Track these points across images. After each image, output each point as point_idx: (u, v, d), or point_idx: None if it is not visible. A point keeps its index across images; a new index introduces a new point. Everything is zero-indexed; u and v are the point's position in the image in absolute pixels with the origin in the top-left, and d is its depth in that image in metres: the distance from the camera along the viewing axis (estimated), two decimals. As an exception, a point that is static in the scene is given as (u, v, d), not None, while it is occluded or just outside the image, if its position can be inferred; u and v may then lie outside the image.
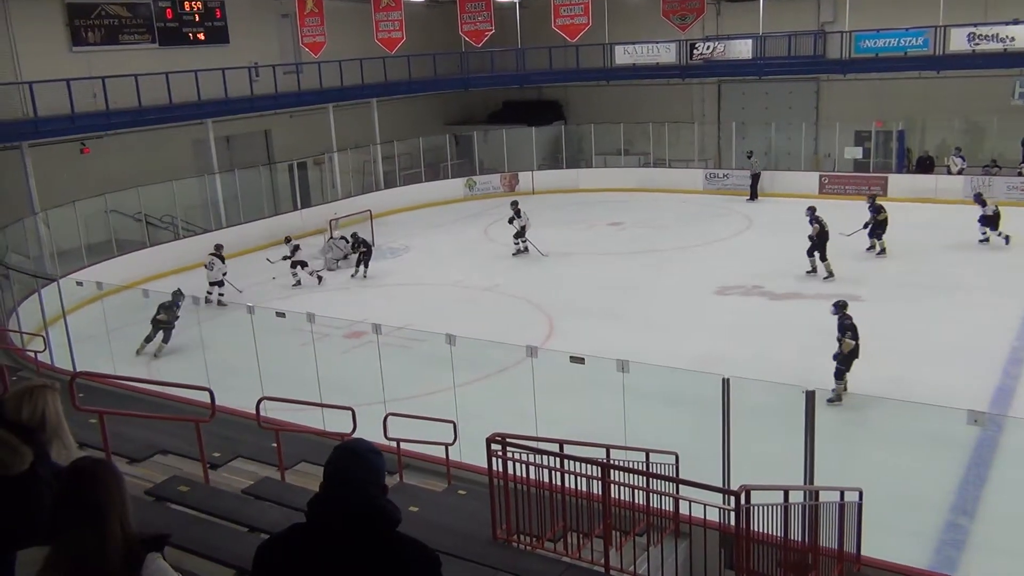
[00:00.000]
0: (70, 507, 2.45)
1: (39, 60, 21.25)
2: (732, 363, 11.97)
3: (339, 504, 2.53)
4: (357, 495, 2.54)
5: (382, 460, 2.70)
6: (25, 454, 3.04)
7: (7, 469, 3.01)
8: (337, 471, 2.59)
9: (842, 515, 6.74)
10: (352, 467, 2.60)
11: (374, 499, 2.57)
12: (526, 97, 35.56)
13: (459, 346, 10.61)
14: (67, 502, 2.46)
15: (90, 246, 20.72)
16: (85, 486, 2.45)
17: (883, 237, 20.33)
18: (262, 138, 28.88)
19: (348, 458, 2.62)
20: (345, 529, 2.52)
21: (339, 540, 2.52)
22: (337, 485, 2.56)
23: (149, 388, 10.85)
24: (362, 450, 2.67)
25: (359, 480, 2.57)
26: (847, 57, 27.34)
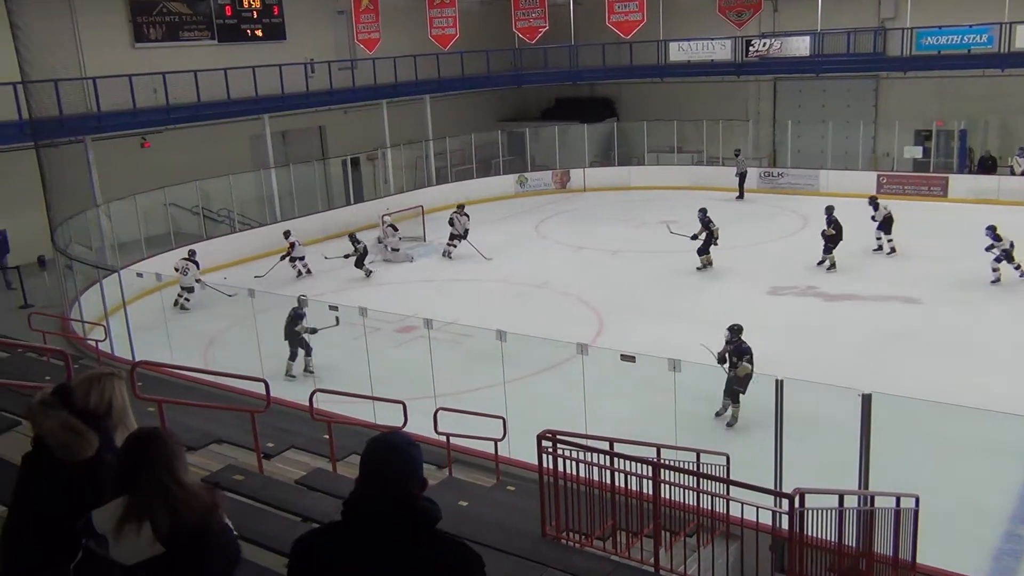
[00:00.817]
0: (140, 465, 2.68)
1: (103, 56, 21.76)
2: (785, 364, 11.78)
3: (377, 503, 2.43)
4: (396, 493, 2.43)
5: (420, 452, 2.56)
6: (91, 440, 3.10)
7: (73, 454, 3.07)
8: (375, 466, 2.48)
9: (898, 521, 6.62)
10: (391, 462, 2.48)
11: (413, 497, 2.45)
12: (579, 94, 35.45)
13: (509, 342, 10.64)
14: (135, 462, 2.69)
15: (149, 238, 21.17)
16: (149, 448, 2.70)
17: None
18: (317, 134, 29.24)
19: (386, 452, 2.50)
20: (382, 529, 2.41)
21: (377, 540, 2.41)
22: (375, 482, 2.45)
23: (206, 378, 11.06)
24: (400, 443, 2.53)
25: (398, 476, 2.45)
26: (908, 54, 26.75)
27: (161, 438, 2.75)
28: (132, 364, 8.64)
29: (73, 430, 3.09)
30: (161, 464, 2.67)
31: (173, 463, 2.69)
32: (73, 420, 3.12)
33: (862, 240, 21.66)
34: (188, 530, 2.61)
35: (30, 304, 17.62)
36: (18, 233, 19.90)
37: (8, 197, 20.03)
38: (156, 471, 2.65)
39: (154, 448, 2.70)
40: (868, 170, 28.03)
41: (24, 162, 18.60)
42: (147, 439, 2.74)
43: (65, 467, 3.08)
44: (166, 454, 2.69)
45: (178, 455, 2.73)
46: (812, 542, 5.86)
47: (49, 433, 3.12)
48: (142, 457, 2.70)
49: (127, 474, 2.70)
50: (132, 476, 2.68)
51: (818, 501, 5.97)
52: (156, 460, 2.68)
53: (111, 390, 3.27)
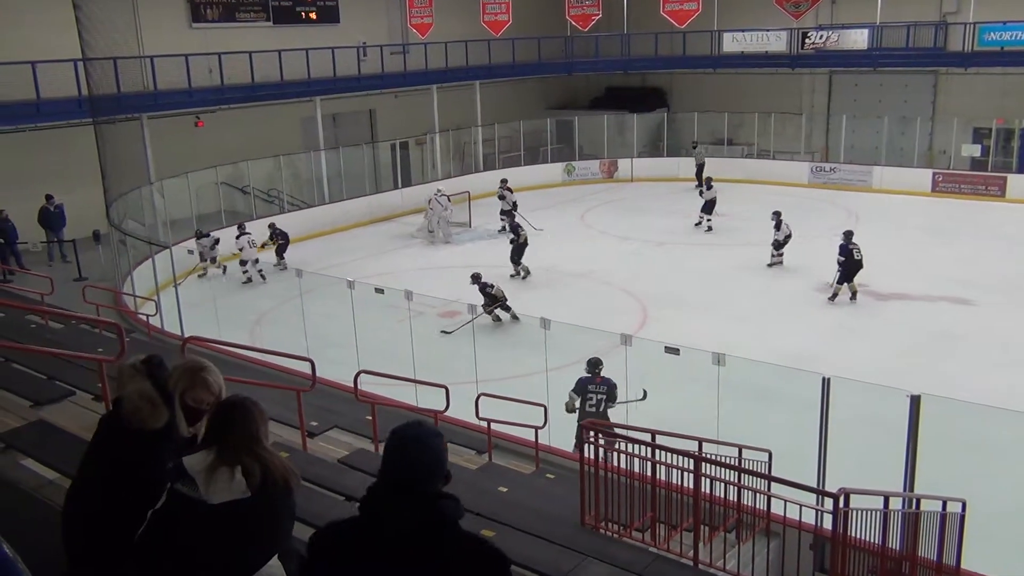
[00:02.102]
0: (227, 427, 2.91)
1: (160, 36, 22.06)
2: (832, 362, 11.65)
3: (397, 499, 2.33)
4: (417, 489, 2.34)
5: (444, 444, 2.46)
6: (162, 412, 3.20)
7: (142, 422, 3.17)
8: (396, 459, 2.37)
9: (943, 525, 6.51)
10: (413, 457, 2.37)
11: (434, 495, 2.35)
12: (629, 83, 35.19)
13: (553, 330, 10.63)
14: (223, 423, 2.93)
15: (200, 216, 21.51)
16: (237, 413, 2.94)
17: None
18: (367, 117, 29.41)
19: (410, 445, 2.38)
20: (399, 525, 2.32)
21: (395, 537, 2.32)
22: (395, 474, 2.35)
23: (253, 356, 11.22)
24: (423, 436, 2.42)
25: (420, 472, 2.35)
26: (969, 50, 26.12)
27: (250, 405, 2.96)
28: (183, 340, 8.81)
29: (149, 400, 3.20)
30: (247, 427, 2.90)
31: (258, 428, 2.93)
32: (151, 390, 3.22)
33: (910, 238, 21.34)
34: (272, 482, 2.85)
35: (84, 277, 18.02)
36: (75, 207, 20.32)
37: (67, 172, 20.48)
38: (243, 431, 2.89)
39: (243, 412, 2.94)
40: (923, 167, 27.45)
41: (83, 138, 18.99)
42: (238, 404, 2.97)
43: (130, 434, 3.18)
44: (253, 419, 2.93)
45: (263, 423, 2.95)
46: (855, 543, 5.79)
47: (127, 397, 3.23)
48: (231, 417, 2.93)
49: (216, 430, 2.93)
50: (221, 432, 2.91)
51: (862, 502, 5.89)
52: (244, 422, 2.91)
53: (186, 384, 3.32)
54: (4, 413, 6.03)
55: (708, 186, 22.98)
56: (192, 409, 3.24)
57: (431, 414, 9.19)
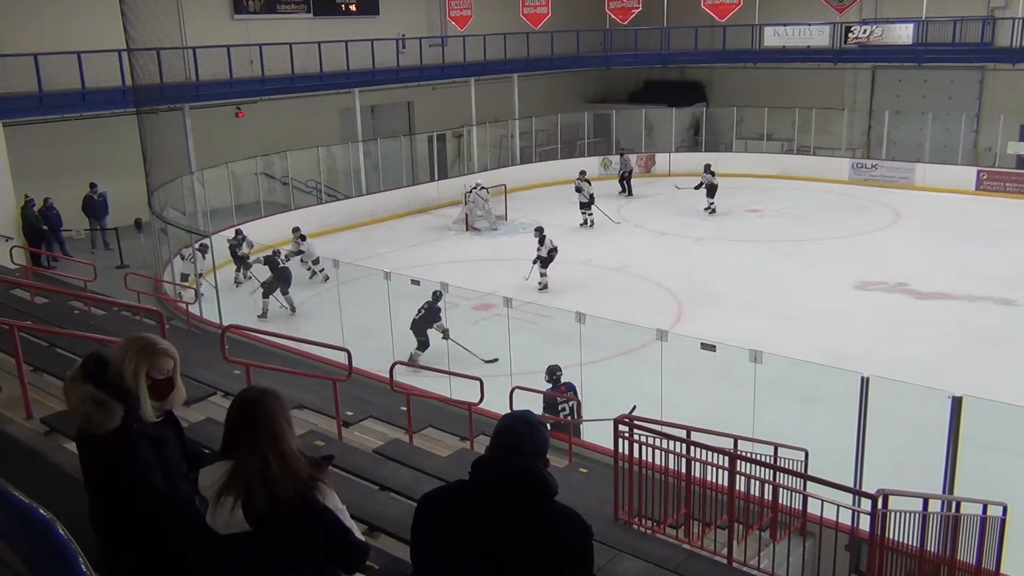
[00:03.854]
0: (248, 429, 2.71)
1: (202, 27, 22.25)
2: (870, 361, 11.51)
3: (507, 469, 2.62)
4: (524, 463, 2.62)
5: (548, 434, 2.79)
6: (114, 410, 3.06)
7: (97, 426, 3.06)
8: (509, 437, 2.67)
9: (983, 529, 6.41)
10: (525, 436, 2.67)
11: (538, 468, 2.65)
12: (668, 77, 34.93)
13: (588, 325, 10.61)
14: (243, 425, 2.73)
15: (239, 206, 21.74)
16: (258, 411, 2.72)
17: None
18: (405, 109, 29.52)
19: (522, 426, 2.70)
20: (508, 493, 2.60)
21: (501, 502, 2.60)
22: (508, 450, 2.64)
23: (291, 345, 11.33)
24: (535, 420, 2.76)
25: (529, 449, 2.65)
26: (1018, 45, 25.56)
27: (266, 401, 2.74)
28: (222, 328, 8.91)
29: (95, 402, 3.06)
30: (264, 429, 2.68)
31: (276, 429, 2.70)
32: (96, 393, 3.08)
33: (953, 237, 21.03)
34: (281, 508, 2.64)
35: (126, 264, 18.31)
36: (118, 195, 20.65)
37: (110, 160, 20.83)
38: (259, 437, 2.67)
39: (259, 411, 2.71)
40: (968, 165, 26.93)
41: (126, 128, 19.26)
42: (253, 401, 2.75)
43: (97, 440, 3.08)
44: (270, 419, 2.70)
45: (281, 420, 2.73)
46: (892, 545, 5.72)
47: (75, 408, 3.11)
48: (246, 420, 2.72)
49: (229, 438, 2.75)
50: (234, 440, 2.73)
51: (900, 503, 5.82)
52: (259, 424, 2.69)
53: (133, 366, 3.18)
54: (48, 397, 6.14)
55: (711, 172, 23.72)
56: (160, 382, 3.17)
57: (464, 406, 9.22)
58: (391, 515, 5.31)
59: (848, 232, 22.04)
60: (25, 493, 1.67)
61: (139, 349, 3.19)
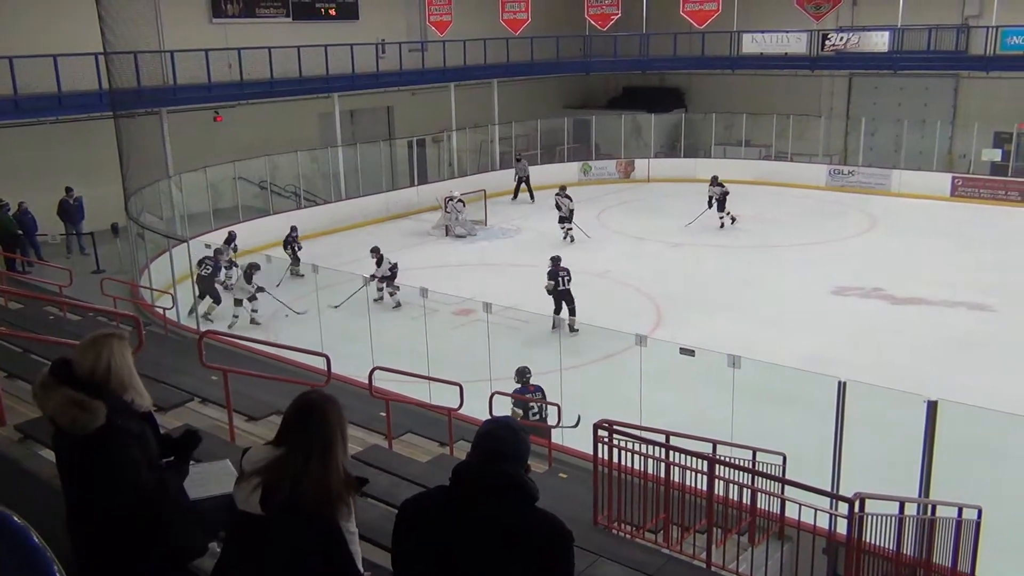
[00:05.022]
0: (302, 426, 2.78)
1: (181, 30, 22.13)
2: (847, 366, 11.56)
3: (488, 475, 2.61)
4: (505, 469, 2.62)
5: (529, 440, 2.78)
6: (98, 409, 3.04)
7: (83, 428, 3.03)
8: (491, 443, 2.67)
9: (959, 532, 6.47)
10: (507, 441, 2.67)
11: (519, 475, 2.64)
12: (647, 83, 35.09)
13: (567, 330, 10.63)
14: (299, 422, 2.79)
15: (217, 211, 21.61)
16: (316, 413, 2.78)
17: None
18: (384, 114, 29.49)
19: (504, 431, 2.70)
20: (489, 499, 2.60)
21: (482, 508, 2.60)
22: (489, 456, 2.64)
23: (269, 350, 11.26)
24: (516, 426, 2.77)
25: (510, 454, 2.65)
26: (991, 53, 25.89)
27: (326, 408, 2.80)
28: (200, 334, 8.85)
29: (77, 404, 3.03)
30: (317, 433, 2.75)
31: (329, 437, 2.76)
32: (75, 395, 3.05)
33: (929, 242, 21.25)
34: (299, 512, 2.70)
35: (102, 269, 18.13)
36: (94, 200, 20.45)
37: (86, 165, 20.65)
38: (311, 439, 2.74)
39: (316, 415, 2.78)
40: (943, 171, 27.23)
41: (102, 131, 19.11)
42: (313, 404, 2.81)
43: (78, 440, 3.05)
44: (325, 425, 2.76)
45: (336, 430, 2.78)
46: (869, 548, 5.76)
47: (55, 413, 3.06)
48: (302, 421, 2.79)
49: (283, 431, 2.82)
50: (286, 435, 2.80)
51: (877, 507, 5.86)
52: (314, 427, 2.76)
53: (109, 351, 3.19)
54: (22, 404, 6.08)
55: (718, 184, 23.06)
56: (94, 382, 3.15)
57: (444, 411, 9.20)
58: (370, 522, 5.27)
59: (825, 238, 22.23)
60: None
61: (119, 341, 3.23)
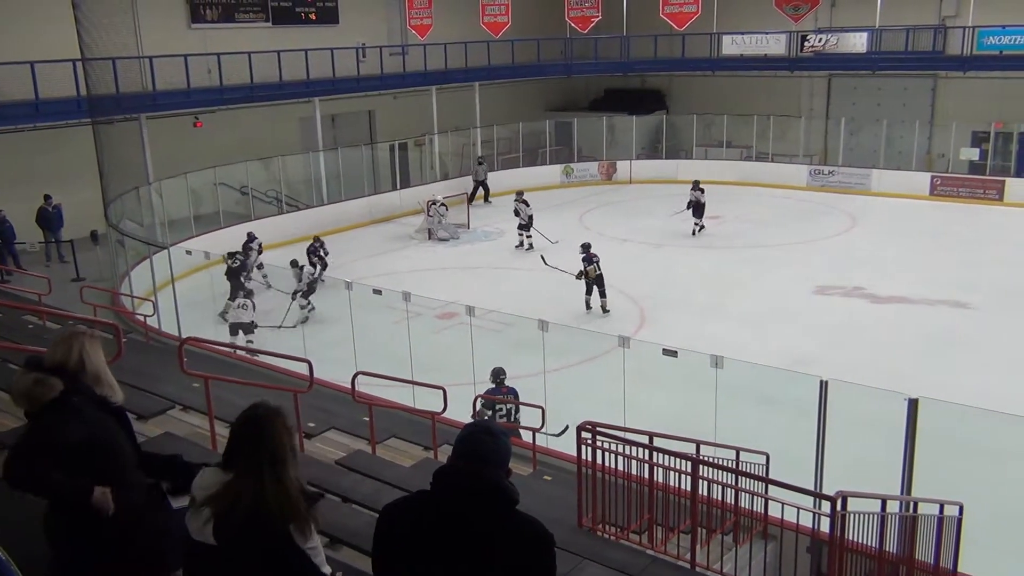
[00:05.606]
0: (250, 446, 2.73)
1: (159, 36, 22.04)
2: (829, 365, 11.64)
3: (468, 478, 2.61)
4: (486, 472, 2.62)
5: (511, 443, 2.77)
6: (53, 383, 3.23)
7: (37, 400, 3.22)
8: (470, 447, 2.66)
9: (940, 529, 6.51)
10: (485, 445, 2.66)
11: (500, 479, 2.64)
12: (628, 85, 35.21)
13: (550, 332, 10.62)
14: (246, 441, 2.74)
15: (198, 217, 21.49)
16: (263, 430, 2.74)
17: None
18: (366, 118, 29.41)
19: (484, 436, 2.69)
20: (469, 503, 2.60)
21: (463, 512, 2.60)
22: (469, 459, 2.63)
23: (250, 356, 11.20)
24: (497, 430, 2.75)
25: (490, 459, 2.65)
26: (968, 54, 26.14)
27: (274, 422, 2.77)
28: (180, 340, 8.79)
29: (36, 381, 3.24)
30: (267, 451, 2.71)
31: (280, 453, 2.73)
32: (37, 374, 3.27)
33: (909, 241, 21.40)
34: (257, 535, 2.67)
35: (82, 277, 17.98)
36: (73, 207, 20.29)
37: (65, 172, 20.47)
38: (261, 457, 2.70)
39: (265, 431, 2.74)
40: (922, 171, 27.47)
41: (81, 138, 18.97)
42: (260, 419, 2.77)
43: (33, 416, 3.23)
44: (275, 441, 2.73)
45: (286, 444, 2.75)
46: (852, 546, 5.79)
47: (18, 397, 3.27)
48: (250, 438, 2.74)
49: (231, 451, 2.78)
50: (235, 455, 2.76)
51: (859, 504, 5.89)
52: (263, 444, 2.72)
53: (80, 346, 3.38)
54: (1, 414, 6.01)
55: (700, 189, 22.57)
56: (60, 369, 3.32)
57: (428, 415, 9.18)
58: (354, 527, 5.27)
59: (806, 237, 22.35)
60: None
61: (89, 338, 3.40)
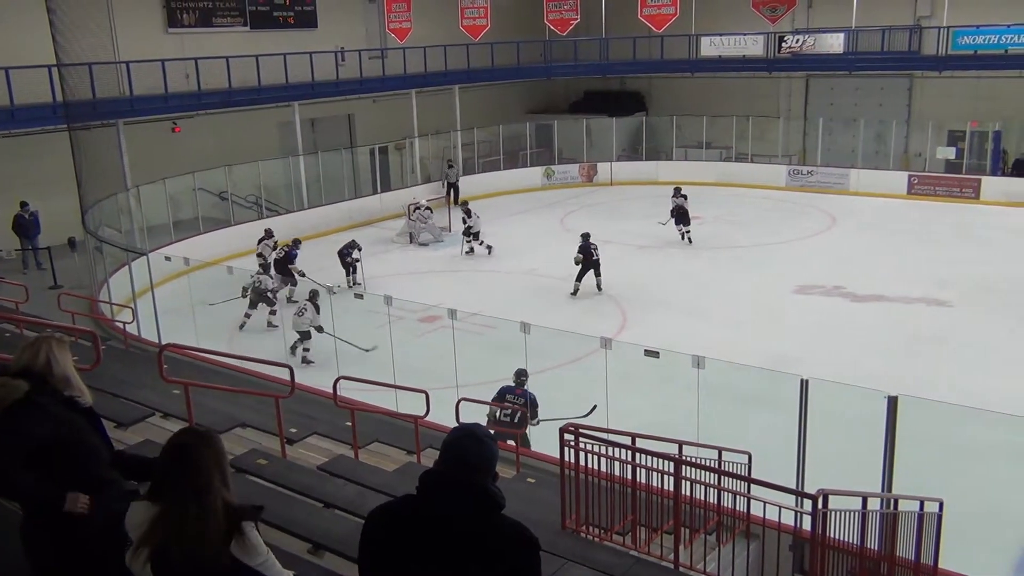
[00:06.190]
0: (175, 476, 2.70)
1: (136, 41, 21.85)
2: (810, 364, 11.72)
3: (454, 483, 2.61)
4: (471, 477, 2.62)
5: (497, 447, 2.77)
6: (19, 385, 3.26)
7: (2, 401, 3.23)
8: (456, 452, 2.66)
9: (921, 526, 6.56)
10: (472, 450, 2.67)
11: (485, 483, 2.65)
12: (608, 87, 35.31)
13: (533, 334, 10.62)
14: (171, 472, 2.72)
15: (178, 222, 21.35)
16: (188, 459, 2.71)
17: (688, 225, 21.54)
18: (345, 122, 29.33)
19: (469, 440, 2.69)
20: (455, 508, 2.60)
21: (448, 517, 2.60)
22: (454, 465, 2.64)
23: (231, 363, 11.13)
24: (483, 435, 2.74)
25: (475, 463, 2.65)
26: (943, 54, 26.39)
27: (199, 448, 2.74)
28: (160, 347, 8.73)
29: (1, 385, 3.27)
30: (191, 478, 2.68)
31: (202, 480, 2.69)
32: (2, 378, 3.31)
33: (887, 240, 21.57)
34: (196, 565, 2.65)
35: (60, 285, 17.82)
36: (50, 214, 20.12)
37: (41, 179, 20.29)
38: (185, 485, 2.67)
39: (188, 458, 2.71)
40: (899, 170, 27.73)
41: (57, 144, 18.79)
42: (185, 447, 2.75)
43: None
44: (198, 468, 2.70)
45: (212, 469, 2.72)
46: (834, 544, 5.82)
47: None
48: (176, 466, 2.72)
49: (157, 481, 2.76)
50: (162, 485, 2.74)
51: (841, 502, 5.93)
52: (187, 472, 2.69)
53: (47, 349, 3.43)
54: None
55: (682, 195, 22.17)
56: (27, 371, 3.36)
57: (410, 419, 9.16)
58: (337, 533, 5.25)
59: (786, 237, 22.49)
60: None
61: (57, 342, 3.47)
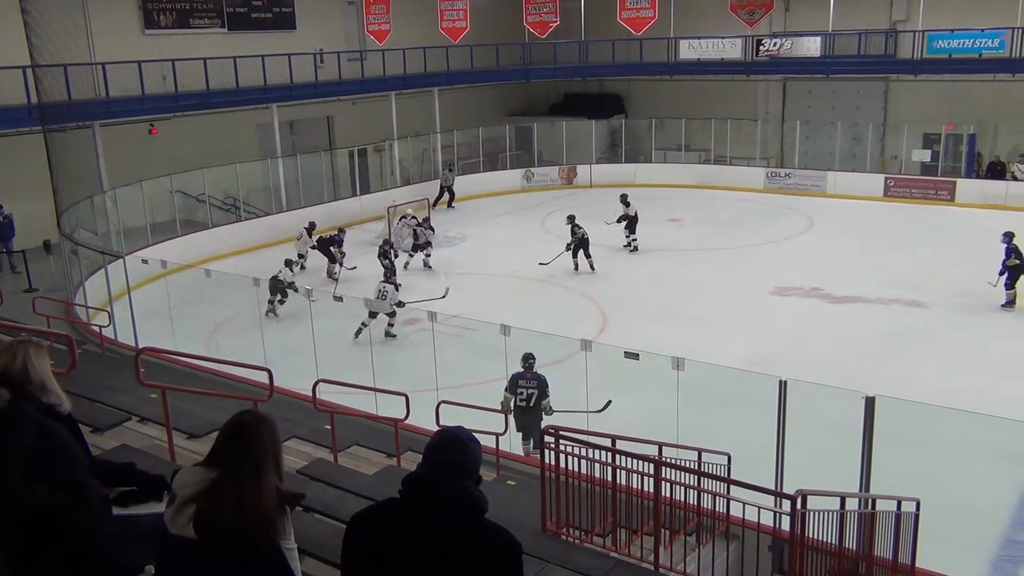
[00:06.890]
0: (234, 449, 2.79)
1: (112, 42, 21.63)
2: (788, 365, 11.78)
3: (437, 487, 2.61)
4: (453, 480, 2.61)
5: (480, 450, 2.77)
6: (1, 394, 3.24)
7: None
8: (439, 455, 2.66)
9: (898, 525, 6.61)
10: (454, 453, 2.67)
11: (468, 487, 2.63)
12: (587, 90, 35.40)
13: (513, 336, 10.63)
14: (230, 445, 2.81)
15: (155, 225, 21.19)
16: (247, 435, 2.80)
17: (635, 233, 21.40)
18: (324, 124, 29.23)
19: (451, 444, 2.69)
20: (437, 511, 2.60)
21: (431, 521, 2.60)
22: (436, 468, 2.63)
23: (210, 366, 11.05)
24: (464, 438, 2.73)
25: (458, 466, 2.64)
26: (919, 57, 26.65)
27: (258, 429, 2.83)
28: (136, 351, 8.65)
29: None
30: (249, 456, 2.76)
31: (259, 458, 2.78)
32: None
33: (864, 242, 21.74)
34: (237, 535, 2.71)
35: (35, 288, 17.64)
36: (24, 217, 19.91)
37: (15, 181, 20.06)
38: (242, 462, 2.75)
39: (247, 438, 2.80)
40: (876, 172, 27.98)
41: (32, 146, 18.60)
42: (245, 425, 2.83)
43: None
44: (256, 448, 2.79)
45: (268, 451, 2.80)
46: (812, 544, 5.85)
47: None
48: (234, 443, 2.80)
49: (215, 452, 2.82)
50: (219, 457, 2.81)
51: (819, 503, 5.96)
52: (245, 450, 2.77)
53: (24, 354, 3.42)
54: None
55: (627, 203, 21.70)
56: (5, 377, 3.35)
57: (390, 422, 9.13)
58: (316, 537, 5.20)
59: (764, 239, 22.62)
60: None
61: (35, 347, 3.45)
